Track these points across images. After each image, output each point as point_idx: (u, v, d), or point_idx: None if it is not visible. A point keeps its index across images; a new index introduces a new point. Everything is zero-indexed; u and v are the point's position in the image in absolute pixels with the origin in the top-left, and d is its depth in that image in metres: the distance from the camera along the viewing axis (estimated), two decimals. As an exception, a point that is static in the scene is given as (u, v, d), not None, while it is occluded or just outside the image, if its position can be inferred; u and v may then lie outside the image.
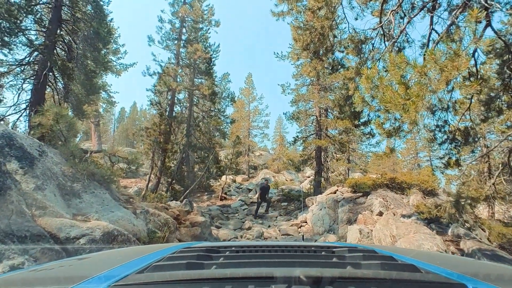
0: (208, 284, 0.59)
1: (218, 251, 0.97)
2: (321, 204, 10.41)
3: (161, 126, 10.06)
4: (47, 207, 4.09)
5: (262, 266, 0.74)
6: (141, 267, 0.76)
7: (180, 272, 0.65)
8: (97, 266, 0.88)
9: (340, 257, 0.87)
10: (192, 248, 1.03)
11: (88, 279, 0.65)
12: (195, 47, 11.08)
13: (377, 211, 7.77)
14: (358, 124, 7.07)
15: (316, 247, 1.10)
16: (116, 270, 0.74)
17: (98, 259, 1.05)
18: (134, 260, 0.88)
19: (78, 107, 13.43)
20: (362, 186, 10.07)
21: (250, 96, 26.77)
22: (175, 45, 11.68)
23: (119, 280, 0.63)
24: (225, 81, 20.71)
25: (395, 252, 1.02)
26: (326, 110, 14.28)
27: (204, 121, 19.50)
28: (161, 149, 10.20)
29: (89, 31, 13.82)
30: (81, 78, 13.58)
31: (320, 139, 12.97)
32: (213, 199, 18.37)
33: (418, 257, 0.98)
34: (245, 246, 1.07)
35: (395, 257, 0.85)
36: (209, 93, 11.10)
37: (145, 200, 9.76)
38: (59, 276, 0.78)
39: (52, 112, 5.40)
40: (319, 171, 13.31)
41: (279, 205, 15.12)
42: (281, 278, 0.58)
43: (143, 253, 1.00)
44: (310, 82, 14.41)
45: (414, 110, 2.78)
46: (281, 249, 1.03)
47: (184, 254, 0.87)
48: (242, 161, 25.68)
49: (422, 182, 9.82)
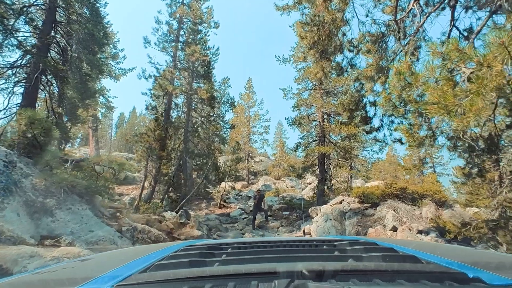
0: (212, 281, 0.58)
1: (220, 248, 0.97)
2: (326, 215, 9.58)
3: (156, 132, 9.28)
4: (3, 232, 3.28)
5: (264, 261, 0.71)
6: (144, 267, 0.75)
7: (183, 270, 0.64)
8: (100, 267, 0.87)
9: (342, 250, 0.86)
10: (194, 246, 1.02)
11: (92, 280, 0.64)
12: (193, 48, 10.37)
13: (390, 225, 6.95)
14: (369, 130, 6.30)
15: (317, 241, 1.08)
16: (119, 270, 0.73)
17: (101, 260, 1.04)
18: (136, 260, 0.86)
19: (72, 111, 12.68)
20: (370, 196, 9.26)
21: (250, 101, 26.08)
22: (172, 47, 10.96)
23: (122, 280, 0.62)
24: (225, 86, 20.06)
25: (396, 244, 1.00)
26: (329, 116, 13.53)
27: (203, 127, 18.76)
28: (155, 156, 9.41)
29: (84, 34, 13.15)
30: (75, 81, 12.85)
31: (323, 146, 12.19)
32: (212, 207, 17.51)
33: (419, 248, 0.96)
34: (247, 243, 1.06)
35: (396, 249, 0.85)
36: (207, 97, 10.35)
37: (137, 211, 8.91)
38: (62, 278, 0.77)
39: (25, 116, 4.63)
40: (322, 179, 12.49)
41: (280, 214, 14.25)
42: (283, 273, 0.58)
43: (145, 253, 0.98)
44: (312, 86, 13.70)
45: (475, 113, 2.02)
46: (282, 244, 1.01)
47: (186, 253, 0.86)
48: (242, 167, 24.85)
49: (434, 192, 9.02)
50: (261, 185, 21.60)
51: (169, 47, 10.89)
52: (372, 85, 5.03)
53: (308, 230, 10.06)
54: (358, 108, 5.93)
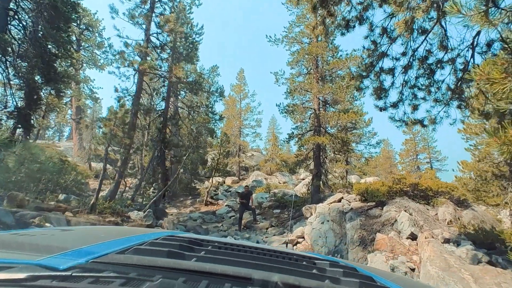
0: (186, 275, 0.57)
1: (201, 244, 0.92)
2: (322, 216, 7.87)
3: (117, 115, 7.43)
4: None
5: (242, 266, 0.69)
6: (122, 248, 0.73)
7: (160, 259, 0.62)
8: (78, 239, 0.84)
9: (321, 270, 0.82)
10: (176, 237, 0.98)
11: (67, 252, 0.63)
12: (166, 18, 8.44)
13: (407, 231, 5.26)
14: (383, 107, 4.57)
15: (298, 255, 1.06)
16: (96, 247, 0.72)
17: (81, 233, 1.01)
18: (116, 240, 0.84)
19: (30, 94, 10.69)
20: (375, 193, 7.57)
21: (241, 93, 24.20)
22: (143, 16, 8.96)
23: (98, 257, 0.61)
24: (214, 74, 18.15)
25: (375, 273, 0.94)
26: (326, 103, 11.79)
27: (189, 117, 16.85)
28: (119, 144, 7.57)
29: (47, 6, 11.11)
30: (34, 60, 10.83)
31: (319, 136, 10.45)
32: (198, 204, 15.71)
33: (398, 282, 0.93)
34: (229, 244, 1.03)
35: (374, 279, 0.80)
36: (183, 76, 8.47)
37: (93, 212, 7.05)
38: (39, 244, 0.74)
39: None
40: (318, 173, 10.79)
41: (271, 213, 12.52)
42: (258, 281, 0.57)
43: (126, 235, 0.95)
44: (307, 70, 11.92)
45: None
46: (263, 252, 0.98)
47: (166, 242, 0.83)
48: (233, 162, 23.04)
49: (452, 189, 7.37)
50: (252, 181, 19.82)
51: (139, 16, 8.96)
52: (407, 26, 3.32)
53: (302, 233, 8.34)
54: (370, 71, 4.20)
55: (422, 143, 22.40)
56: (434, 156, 22.31)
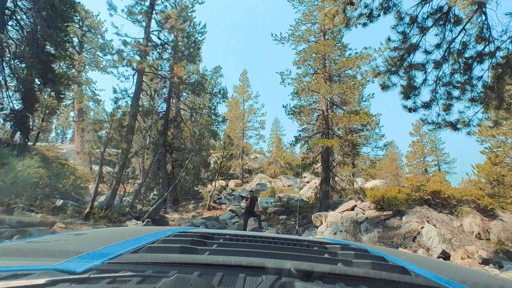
0: (200, 269, 0.57)
1: (212, 238, 0.93)
2: (334, 225, 7.19)
3: (114, 117, 6.84)
4: None
5: (254, 256, 0.68)
6: (136, 247, 0.74)
7: (174, 255, 0.63)
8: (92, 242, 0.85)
9: (332, 254, 0.83)
10: (187, 233, 1.00)
11: (83, 255, 0.64)
12: (167, 14, 7.87)
13: (437, 248, 4.57)
14: (413, 107, 3.91)
15: (309, 241, 1.06)
16: (110, 248, 0.73)
17: (94, 236, 1.02)
18: (129, 240, 0.85)
19: (27, 96, 10.17)
20: (392, 202, 6.88)
21: (245, 95, 23.58)
22: (142, 13, 8.38)
23: (113, 258, 0.61)
24: (217, 75, 17.54)
25: (386, 253, 0.94)
26: (334, 104, 11.13)
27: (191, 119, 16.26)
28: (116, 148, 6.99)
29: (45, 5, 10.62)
30: (31, 61, 10.32)
31: (328, 139, 9.79)
32: (200, 209, 15.08)
33: (409, 260, 0.93)
34: (239, 235, 1.03)
35: (386, 258, 0.81)
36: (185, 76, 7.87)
37: (87, 222, 6.45)
38: (55, 249, 0.76)
39: None
40: (326, 178, 10.11)
41: (277, 219, 11.85)
42: (272, 269, 0.57)
43: (139, 234, 0.96)
44: (314, 70, 11.28)
45: None
46: (274, 241, 0.99)
47: (178, 238, 0.84)
48: (236, 165, 22.40)
49: (477, 197, 6.66)
50: (256, 184, 19.16)
51: (139, 13, 8.38)
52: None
53: (311, 243, 7.69)
54: (401, 65, 3.55)
55: (429, 145, 21.61)
56: (442, 158, 21.51)
